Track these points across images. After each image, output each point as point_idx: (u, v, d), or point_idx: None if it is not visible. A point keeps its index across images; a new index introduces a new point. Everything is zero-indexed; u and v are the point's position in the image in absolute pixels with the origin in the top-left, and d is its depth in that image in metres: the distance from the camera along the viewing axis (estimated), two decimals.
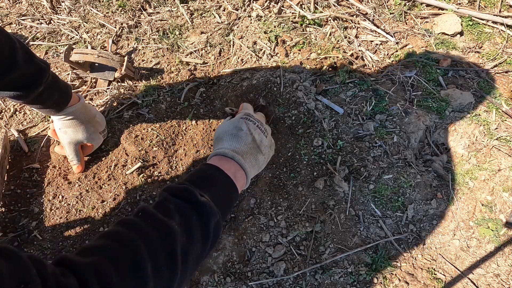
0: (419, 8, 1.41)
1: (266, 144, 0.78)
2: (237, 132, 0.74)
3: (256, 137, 0.76)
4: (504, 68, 1.26)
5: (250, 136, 0.75)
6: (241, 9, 1.34)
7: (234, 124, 0.76)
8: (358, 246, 0.96)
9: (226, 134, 0.75)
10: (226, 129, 0.76)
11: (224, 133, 0.76)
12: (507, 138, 1.11)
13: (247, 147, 0.73)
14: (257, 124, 0.78)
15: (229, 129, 0.76)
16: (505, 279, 0.93)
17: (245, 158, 0.71)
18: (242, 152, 0.72)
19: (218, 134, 0.77)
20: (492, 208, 1.02)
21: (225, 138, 0.74)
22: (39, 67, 0.78)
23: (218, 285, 0.90)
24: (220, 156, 0.71)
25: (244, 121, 0.77)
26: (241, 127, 0.76)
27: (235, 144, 0.73)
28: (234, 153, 0.70)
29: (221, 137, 0.76)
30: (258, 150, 0.76)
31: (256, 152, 0.75)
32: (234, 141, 0.73)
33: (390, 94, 1.17)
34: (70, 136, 0.96)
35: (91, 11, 1.34)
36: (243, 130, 0.75)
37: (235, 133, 0.74)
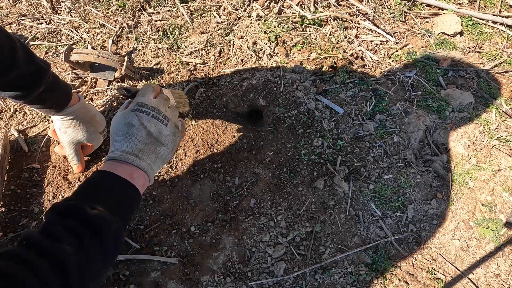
0: (419, 8, 1.42)
1: (167, 133, 0.72)
2: (128, 130, 0.68)
3: (152, 129, 0.69)
4: (504, 68, 1.26)
5: (144, 131, 0.69)
6: (241, 9, 1.34)
7: (125, 120, 0.69)
8: (358, 246, 0.96)
9: (117, 133, 0.69)
10: (117, 126, 0.70)
11: (115, 131, 0.70)
12: (507, 138, 1.11)
13: (142, 144, 0.68)
14: (152, 113, 0.71)
15: (120, 126, 0.69)
16: (505, 279, 0.93)
17: (141, 157, 0.67)
18: (136, 151, 0.67)
19: (111, 133, 0.71)
20: (492, 208, 1.02)
21: (116, 138, 0.69)
22: (39, 67, 0.77)
23: (218, 285, 0.90)
24: (112, 161, 0.66)
25: (136, 113, 0.70)
26: (132, 122, 0.69)
27: (126, 144, 0.67)
28: (127, 154, 0.66)
29: (113, 136, 0.70)
30: (157, 143, 0.70)
31: (154, 146, 0.70)
32: (125, 141, 0.67)
33: (390, 94, 1.18)
34: (70, 136, 0.96)
35: (91, 11, 1.34)
36: (134, 126, 0.68)
37: (125, 130, 0.68)
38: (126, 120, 0.69)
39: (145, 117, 0.70)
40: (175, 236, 0.95)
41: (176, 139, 0.75)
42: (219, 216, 0.99)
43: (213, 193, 1.02)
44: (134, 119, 0.69)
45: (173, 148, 0.74)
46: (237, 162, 1.07)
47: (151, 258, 0.91)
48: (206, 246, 0.95)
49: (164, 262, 0.91)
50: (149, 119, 0.70)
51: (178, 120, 0.78)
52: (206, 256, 0.94)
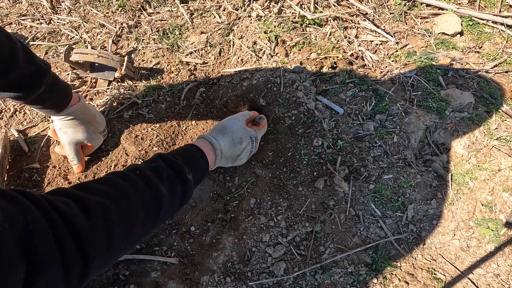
0: (419, 8, 1.42)
1: (243, 161, 0.94)
2: (236, 142, 0.88)
3: (242, 155, 0.90)
4: (504, 68, 1.26)
5: (239, 152, 0.89)
6: (241, 9, 1.34)
7: (242, 135, 0.89)
8: (358, 246, 0.96)
9: (230, 136, 0.87)
10: (235, 131, 0.88)
11: (231, 133, 0.88)
12: (507, 138, 1.11)
13: (231, 154, 0.88)
14: (253, 149, 0.93)
15: (236, 135, 0.88)
16: (505, 279, 0.93)
17: (221, 160, 0.87)
18: (225, 155, 0.86)
19: (225, 127, 0.89)
20: (492, 208, 1.02)
21: (227, 137, 0.87)
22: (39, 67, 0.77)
23: (218, 285, 0.90)
24: (211, 146, 0.83)
25: (250, 140, 0.91)
26: (242, 142, 0.89)
27: (227, 148, 0.86)
28: (220, 153, 0.85)
29: (226, 132, 0.88)
30: (233, 161, 0.91)
31: (231, 160, 0.90)
32: (228, 146, 0.86)
33: (390, 94, 1.18)
34: (70, 136, 0.96)
35: (91, 11, 1.34)
36: (241, 145, 0.89)
37: (236, 141, 0.88)
38: (242, 136, 0.89)
39: (249, 147, 0.92)
40: (175, 236, 0.95)
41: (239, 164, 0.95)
42: (219, 216, 0.99)
43: (213, 193, 1.02)
44: (246, 142, 0.90)
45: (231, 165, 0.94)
46: None
47: (151, 258, 0.91)
48: (206, 246, 0.95)
49: (164, 262, 0.91)
50: (249, 150, 0.92)
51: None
52: (206, 256, 0.94)
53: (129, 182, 0.57)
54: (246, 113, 0.97)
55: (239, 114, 0.96)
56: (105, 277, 0.89)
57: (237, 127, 0.89)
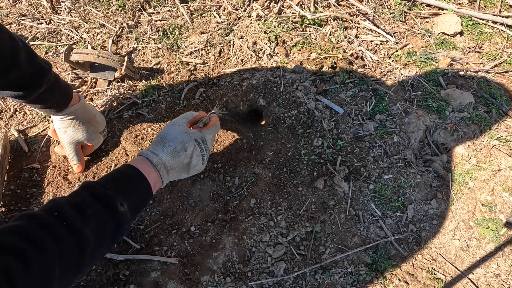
0: (419, 8, 1.41)
1: (198, 168, 0.83)
2: (179, 150, 0.77)
3: (193, 161, 0.79)
4: (504, 68, 1.26)
5: (188, 159, 0.78)
6: (241, 9, 1.34)
7: (184, 140, 0.78)
8: (358, 246, 0.96)
9: (169, 145, 0.76)
10: (175, 138, 0.77)
11: (170, 141, 0.77)
12: (507, 138, 1.11)
13: (179, 165, 0.77)
14: (204, 152, 0.82)
15: (177, 142, 0.77)
16: (505, 279, 0.93)
17: (169, 174, 0.76)
18: (171, 168, 0.76)
19: (164, 137, 0.78)
20: (492, 208, 1.02)
21: (166, 148, 0.76)
22: (40, 67, 0.77)
23: (218, 285, 0.90)
24: (150, 163, 0.73)
25: (195, 144, 0.79)
26: (187, 148, 0.78)
27: (170, 160, 0.75)
28: (163, 168, 0.74)
29: (164, 142, 0.77)
30: (186, 170, 0.80)
31: (183, 171, 0.79)
32: (171, 157, 0.75)
33: (390, 94, 1.18)
34: (70, 136, 0.96)
35: (91, 11, 1.34)
36: (187, 152, 0.78)
37: (178, 150, 0.76)
38: (185, 142, 0.78)
39: (198, 151, 0.80)
40: (175, 236, 0.95)
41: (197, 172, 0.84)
42: (219, 216, 0.99)
43: (213, 193, 1.02)
44: (191, 147, 0.78)
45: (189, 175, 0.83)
46: (237, 162, 1.07)
47: (151, 258, 0.91)
48: (206, 246, 0.95)
49: (164, 262, 0.91)
50: (199, 154, 0.80)
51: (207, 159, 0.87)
52: (206, 256, 0.94)
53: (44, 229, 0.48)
54: (187, 114, 0.86)
55: (180, 117, 0.85)
56: (105, 277, 0.89)
57: (176, 133, 0.78)
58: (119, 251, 0.92)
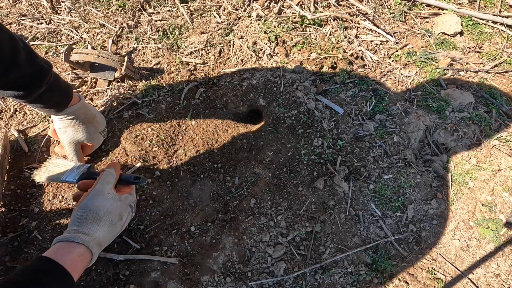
0: (419, 8, 1.42)
1: (125, 226, 0.79)
2: (117, 221, 0.74)
3: (125, 225, 0.78)
4: (504, 68, 1.26)
5: (121, 226, 0.76)
6: (241, 9, 1.34)
7: (121, 210, 0.75)
8: (358, 246, 0.96)
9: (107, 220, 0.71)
10: (111, 211, 0.72)
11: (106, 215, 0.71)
12: (507, 138, 1.11)
13: (113, 235, 0.74)
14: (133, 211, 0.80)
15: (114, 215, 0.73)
16: (505, 279, 0.93)
17: (101, 246, 0.71)
18: (105, 241, 0.72)
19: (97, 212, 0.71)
20: (492, 208, 1.02)
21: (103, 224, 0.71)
22: (41, 67, 0.78)
23: (218, 285, 0.90)
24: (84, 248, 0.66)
25: (130, 209, 0.78)
26: (122, 216, 0.76)
27: (107, 235, 0.71)
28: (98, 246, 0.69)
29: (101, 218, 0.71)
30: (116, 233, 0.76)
31: (113, 235, 0.75)
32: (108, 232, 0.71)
33: (390, 94, 1.18)
34: (70, 135, 0.96)
35: (91, 11, 1.34)
36: (122, 220, 0.76)
37: (115, 221, 0.73)
38: (122, 212, 0.75)
39: (131, 215, 0.79)
40: (175, 236, 0.95)
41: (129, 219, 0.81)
42: (219, 216, 0.99)
43: (213, 193, 1.02)
44: (127, 214, 0.76)
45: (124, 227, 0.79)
46: (237, 162, 1.07)
47: (151, 258, 0.91)
48: (206, 246, 0.95)
49: (164, 262, 0.91)
50: (131, 216, 0.80)
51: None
52: (206, 256, 0.94)
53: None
54: (109, 178, 0.77)
55: (102, 182, 0.76)
56: (105, 277, 0.89)
57: (110, 204, 0.73)
58: (119, 251, 0.92)
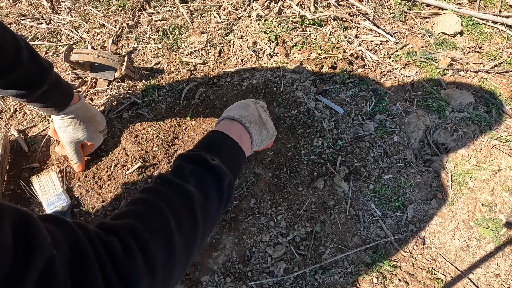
0: (419, 8, 1.41)
1: (270, 125, 0.83)
2: (245, 106, 0.80)
3: (262, 115, 0.81)
4: (504, 68, 1.26)
5: (257, 113, 0.80)
6: (241, 9, 1.34)
7: (243, 102, 0.83)
8: (358, 246, 0.96)
9: (235, 106, 0.81)
10: (236, 104, 0.82)
11: (233, 106, 0.81)
12: (507, 138, 1.11)
13: (254, 118, 0.78)
14: (264, 109, 0.85)
15: (239, 103, 0.82)
16: (505, 279, 0.93)
17: (251, 124, 0.76)
18: (248, 119, 0.76)
19: (228, 109, 0.82)
20: (492, 208, 1.02)
21: (234, 108, 0.80)
22: (42, 67, 0.78)
23: (218, 285, 0.90)
24: (227, 120, 0.75)
25: (252, 101, 0.84)
26: (250, 104, 0.81)
27: (243, 112, 0.77)
28: (241, 117, 0.75)
29: (230, 108, 0.81)
30: (263, 125, 0.80)
31: (261, 125, 0.79)
32: (242, 111, 0.78)
33: (390, 94, 1.18)
34: (70, 135, 0.96)
35: (91, 11, 1.34)
36: (251, 107, 0.81)
37: (244, 106, 0.80)
38: (244, 102, 0.82)
39: (259, 107, 0.83)
40: None
41: (274, 134, 0.86)
42: None
43: None
44: (251, 103, 0.82)
45: (271, 138, 0.84)
46: None
47: None
48: (206, 246, 0.95)
49: None
50: (262, 109, 0.83)
51: None
52: (206, 256, 0.94)
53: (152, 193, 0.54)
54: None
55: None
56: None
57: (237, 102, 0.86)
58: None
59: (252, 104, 0.82)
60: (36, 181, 0.98)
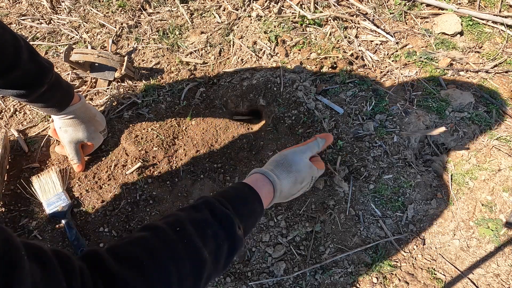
0: (419, 8, 1.42)
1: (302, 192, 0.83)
2: (298, 182, 0.77)
3: (296, 194, 0.81)
4: (504, 68, 1.26)
5: (296, 192, 0.79)
6: (241, 9, 1.34)
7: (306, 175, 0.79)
8: (358, 246, 0.96)
9: (293, 176, 0.76)
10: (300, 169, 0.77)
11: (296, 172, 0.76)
12: (507, 138, 1.11)
13: (287, 194, 0.77)
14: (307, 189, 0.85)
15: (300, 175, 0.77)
16: (505, 279, 0.93)
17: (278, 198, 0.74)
18: (282, 195, 0.75)
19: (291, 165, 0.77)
20: (492, 208, 1.02)
21: (291, 177, 0.75)
22: (43, 66, 0.78)
23: (218, 285, 0.90)
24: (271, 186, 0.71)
25: (311, 180, 0.81)
26: (303, 182, 0.78)
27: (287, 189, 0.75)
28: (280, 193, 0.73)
29: (291, 171, 0.76)
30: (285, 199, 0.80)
31: (283, 199, 0.79)
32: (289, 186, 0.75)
33: (390, 94, 1.18)
34: (70, 135, 0.96)
35: (91, 11, 1.34)
36: (301, 185, 0.79)
37: (298, 181, 0.77)
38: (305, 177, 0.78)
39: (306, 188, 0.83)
40: None
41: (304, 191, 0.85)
42: None
43: (213, 193, 1.02)
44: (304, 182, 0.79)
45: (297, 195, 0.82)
46: (237, 162, 1.07)
47: None
48: None
49: None
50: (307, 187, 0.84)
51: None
52: None
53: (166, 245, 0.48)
54: (313, 147, 0.84)
55: (306, 147, 0.83)
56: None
57: (303, 165, 0.78)
58: None
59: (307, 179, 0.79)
60: (36, 181, 0.98)
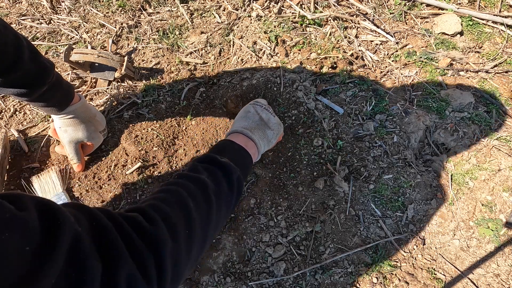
0: (419, 8, 1.41)
1: (274, 121, 0.91)
2: (245, 114, 0.89)
3: (263, 116, 0.89)
4: (504, 68, 1.26)
5: (257, 116, 0.89)
6: (241, 9, 1.34)
7: (243, 109, 0.92)
8: (358, 246, 0.96)
9: (237, 118, 0.90)
10: (238, 114, 0.92)
11: (237, 118, 0.91)
12: (507, 138, 1.11)
13: (255, 124, 0.87)
14: (264, 107, 0.92)
15: (240, 113, 0.91)
16: (505, 279, 0.93)
17: (253, 132, 0.84)
18: (250, 128, 0.85)
19: (234, 120, 0.92)
20: (492, 208, 1.02)
21: (236, 121, 0.90)
22: (43, 67, 0.78)
23: (218, 285, 0.90)
24: (232, 134, 0.85)
25: (252, 105, 0.92)
26: (249, 110, 0.90)
27: (243, 123, 0.87)
28: (243, 129, 0.84)
29: (234, 121, 0.91)
30: (266, 126, 0.88)
31: (264, 127, 0.88)
32: (243, 121, 0.87)
33: (390, 94, 1.18)
34: (70, 134, 0.96)
35: (91, 11, 1.34)
36: (250, 112, 0.90)
37: (243, 115, 0.89)
38: (244, 109, 0.91)
39: (259, 108, 0.91)
40: None
41: (280, 128, 0.93)
42: None
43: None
44: (250, 108, 0.91)
45: (277, 134, 0.91)
46: None
47: None
48: None
49: None
50: (262, 109, 0.91)
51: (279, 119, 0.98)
52: (206, 256, 0.94)
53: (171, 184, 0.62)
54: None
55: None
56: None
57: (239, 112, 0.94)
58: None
59: (252, 108, 0.90)
60: (36, 181, 0.98)
